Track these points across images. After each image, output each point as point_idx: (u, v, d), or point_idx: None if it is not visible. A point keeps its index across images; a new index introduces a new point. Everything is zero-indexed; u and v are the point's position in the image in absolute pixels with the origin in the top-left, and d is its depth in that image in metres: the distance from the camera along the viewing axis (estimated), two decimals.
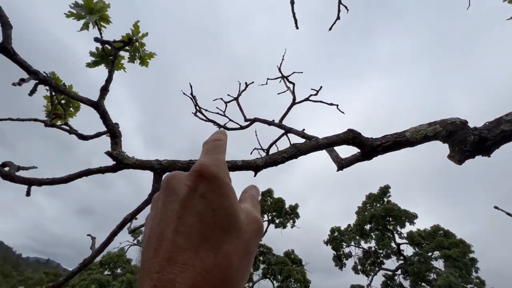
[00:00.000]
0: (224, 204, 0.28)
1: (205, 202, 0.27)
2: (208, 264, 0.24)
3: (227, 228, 0.27)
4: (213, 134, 0.38)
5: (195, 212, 0.27)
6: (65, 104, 1.55)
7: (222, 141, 0.36)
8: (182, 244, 0.25)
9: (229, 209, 0.28)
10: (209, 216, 0.27)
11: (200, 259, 0.24)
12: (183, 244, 0.25)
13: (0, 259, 36.08)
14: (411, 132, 1.17)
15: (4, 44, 0.80)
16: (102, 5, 1.31)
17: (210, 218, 0.27)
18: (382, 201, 18.96)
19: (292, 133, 2.29)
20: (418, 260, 15.60)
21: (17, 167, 1.13)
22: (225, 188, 0.29)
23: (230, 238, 0.27)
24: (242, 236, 0.28)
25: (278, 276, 16.46)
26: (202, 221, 0.26)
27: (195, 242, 0.25)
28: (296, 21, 1.70)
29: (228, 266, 0.26)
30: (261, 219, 0.33)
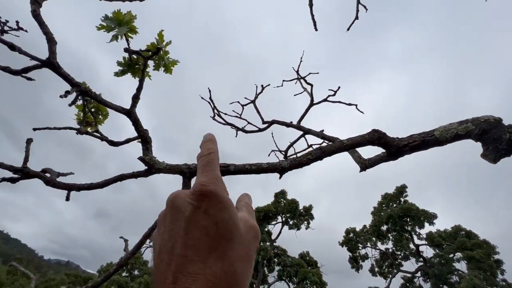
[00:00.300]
0: (226, 217, 0.32)
1: (209, 217, 0.31)
2: (216, 272, 0.28)
3: (229, 238, 0.31)
4: (204, 143, 0.42)
5: (200, 226, 0.30)
6: (95, 112, 1.63)
7: (214, 153, 0.40)
8: (192, 256, 0.28)
9: (230, 221, 0.32)
10: (213, 229, 0.30)
11: (209, 268, 0.28)
12: (193, 256, 0.28)
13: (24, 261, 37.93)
14: (441, 131, 1.15)
15: (50, 59, 0.86)
16: (130, 17, 1.37)
17: (215, 231, 0.30)
18: (398, 201, 18.47)
19: (310, 134, 2.29)
20: (439, 262, 15.06)
21: (57, 174, 1.19)
22: (224, 202, 0.33)
23: (233, 245, 0.31)
24: (243, 242, 0.32)
25: (293, 278, 16.33)
26: (207, 234, 0.30)
27: (203, 253, 0.29)
28: (315, 23, 1.71)
29: (234, 271, 0.29)
30: (257, 225, 0.37)
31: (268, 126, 2.56)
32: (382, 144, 1.36)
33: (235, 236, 0.32)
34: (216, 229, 0.30)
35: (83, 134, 1.47)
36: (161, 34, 1.53)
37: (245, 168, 1.28)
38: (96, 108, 1.65)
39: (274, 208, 19.13)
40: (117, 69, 1.58)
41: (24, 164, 1.08)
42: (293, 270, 16.36)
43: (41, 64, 0.86)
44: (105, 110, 1.68)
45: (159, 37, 1.54)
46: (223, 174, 1.29)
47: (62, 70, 0.87)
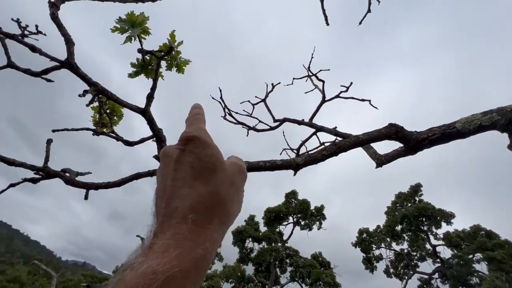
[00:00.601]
0: (209, 153, 0.37)
1: (193, 155, 0.36)
2: (201, 193, 0.34)
3: (213, 169, 0.36)
4: (191, 110, 0.47)
5: (187, 161, 0.36)
6: (110, 114, 1.66)
7: (200, 114, 0.45)
8: (180, 184, 0.34)
9: (213, 156, 0.37)
10: (197, 163, 0.36)
11: (195, 190, 0.34)
12: (181, 184, 0.34)
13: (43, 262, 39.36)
14: (463, 122, 1.10)
15: (69, 59, 0.88)
16: (143, 18, 1.39)
17: (198, 164, 0.36)
18: (413, 200, 17.97)
19: (323, 131, 2.26)
20: (458, 263, 14.55)
21: (76, 173, 1.22)
22: (207, 143, 0.38)
23: (216, 174, 0.36)
24: (226, 173, 0.38)
25: (306, 279, 16.16)
26: (192, 167, 0.35)
27: (189, 181, 0.34)
28: (326, 17, 1.68)
29: (217, 192, 0.35)
30: (242, 164, 0.43)
31: (279, 124, 2.54)
32: (400, 138, 1.32)
33: (218, 168, 0.37)
34: (200, 163, 0.36)
35: (100, 134, 1.50)
36: (173, 34, 1.54)
37: (259, 165, 1.27)
38: (111, 110, 1.68)
39: (285, 209, 19.01)
40: (127, 71, 1.60)
41: (45, 164, 1.11)
42: (305, 271, 16.19)
43: (60, 65, 0.88)
44: (119, 111, 1.71)
45: (171, 38, 1.55)
46: None
47: (80, 70, 0.89)
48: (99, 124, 1.56)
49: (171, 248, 0.28)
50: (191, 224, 0.31)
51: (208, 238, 0.32)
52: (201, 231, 0.31)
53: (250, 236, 18.45)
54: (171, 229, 0.31)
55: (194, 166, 0.35)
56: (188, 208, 0.32)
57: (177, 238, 0.30)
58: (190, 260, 0.29)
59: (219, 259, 19.62)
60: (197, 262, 0.29)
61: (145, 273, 0.26)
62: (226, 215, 0.36)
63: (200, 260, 0.30)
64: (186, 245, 0.29)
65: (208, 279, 16.97)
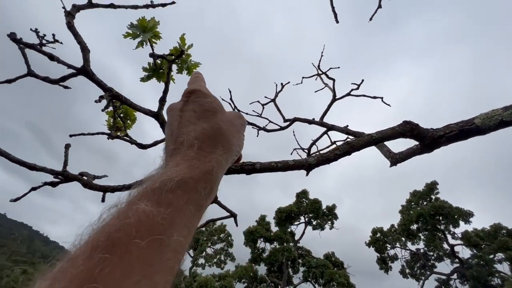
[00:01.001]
0: (209, 100, 0.42)
1: (195, 103, 0.41)
2: (204, 126, 0.38)
3: (214, 111, 0.41)
4: (192, 75, 0.52)
5: (190, 108, 0.40)
6: (123, 118, 1.70)
7: (199, 77, 0.50)
8: (185, 124, 0.39)
9: (213, 103, 0.42)
10: (199, 108, 0.41)
11: (199, 126, 0.38)
12: (186, 124, 0.38)
13: None
14: (482, 118, 1.06)
15: (85, 67, 0.91)
16: (154, 23, 1.42)
17: (200, 108, 0.40)
18: (429, 198, 17.47)
19: (334, 130, 2.23)
20: (478, 263, 14.03)
21: (93, 176, 1.25)
22: (207, 94, 0.43)
23: (217, 115, 0.40)
24: (226, 115, 0.42)
25: (319, 279, 16.00)
26: (195, 111, 0.40)
27: (193, 120, 0.39)
28: (336, 14, 1.66)
29: (219, 127, 0.39)
30: (240, 113, 0.47)
31: (290, 124, 2.53)
32: (415, 136, 1.28)
33: (218, 111, 0.41)
34: (202, 107, 0.41)
35: (114, 138, 1.54)
36: (183, 37, 1.56)
37: (271, 166, 1.26)
38: (124, 114, 1.72)
39: (297, 209, 18.90)
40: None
41: (64, 168, 1.15)
42: (318, 271, 16.03)
43: (77, 72, 0.91)
44: (133, 115, 1.75)
45: (181, 41, 1.57)
46: (249, 173, 1.28)
47: (95, 77, 0.91)
48: (114, 128, 1.60)
49: (182, 165, 0.32)
50: (197, 149, 0.35)
51: (213, 158, 0.35)
52: (207, 154, 0.35)
53: (262, 236, 18.45)
54: (180, 154, 0.34)
55: (196, 110, 0.40)
56: (194, 138, 0.36)
57: (185, 158, 0.33)
58: (200, 171, 0.32)
59: (231, 259, 19.74)
60: (205, 174, 0.32)
61: (161, 179, 0.29)
62: (228, 144, 0.39)
63: (207, 173, 0.33)
64: (194, 162, 0.33)
65: (221, 279, 17.09)
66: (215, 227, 20.30)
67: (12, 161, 0.99)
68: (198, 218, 0.31)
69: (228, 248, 20.31)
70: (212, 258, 19.79)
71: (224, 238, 20.55)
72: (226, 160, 0.38)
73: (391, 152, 1.67)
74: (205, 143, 0.36)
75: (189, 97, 0.42)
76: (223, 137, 0.39)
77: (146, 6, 1.30)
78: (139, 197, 0.27)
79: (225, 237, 20.56)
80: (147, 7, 1.32)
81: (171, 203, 0.27)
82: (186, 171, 0.31)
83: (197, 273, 17.98)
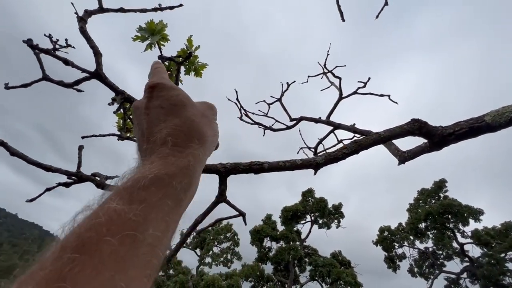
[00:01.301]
0: (175, 93, 0.40)
1: (160, 97, 0.39)
2: (176, 122, 0.37)
3: (182, 105, 0.39)
4: (152, 66, 0.50)
5: (156, 105, 0.39)
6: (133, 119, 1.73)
7: (160, 68, 0.48)
8: (155, 123, 0.37)
9: (180, 95, 0.40)
10: (166, 103, 0.39)
11: (170, 122, 0.37)
12: (156, 122, 0.37)
13: None
14: (492, 115, 1.05)
15: (97, 70, 0.93)
16: (162, 26, 1.44)
17: (167, 103, 0.38)
18: (437, 196, 17.21)
19: (341, 129, 2.23)
20: (488, 262, 13.78)
21: (106, 177, 1.28)
22: (171, 86, 0.41)
23: (187, 108, 0.39)
24: (196, 108, 0.41)
25: (326, 278, 15.95)
26: (162, 107, 0.38)
27: (162, 117, 0.37)
28: (342, 13, 1.66)
29: (191, 121, 0.38)
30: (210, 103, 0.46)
31: (296, 123, 2.53)
32: (424, 134, 1.27)
33: (187, 104, 0.40)
34: (169, 102, 0.39)
35: (124, 139, 1.57)
36: (190, 39, 1.58)
37: (279, 165, 1.28)
38: None
39: (303, 207, 18.85)
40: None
41: (78, 169, 1.18)
42: (325, 270, 15.98)
43: (90, 76, 0.93)
44: None
45: (188, 43, 1.59)
46: (258, 172, 1.30)
47: (108, 80, 0.94)
48: (124, 129, 1.63)
49: (156, 162, 0.32)
50: (171, 145, 0.34)
51: (189, 153, 0.34)
52: (182, 149, 0.34)
53: (268, 235, 18.46)
54: (155, 153, 0.34)
55: (163, 106, 0.38)
56: (166, 135, 0.35)
57: (160, 156, 0.33)
58: (175, 167, 0.32)
59: (237, 258, 19.81)
60: (182, 169, 0.32)
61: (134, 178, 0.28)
62: (204, 137, 0.39)
63: (184, 168, 0.32)
64: (169, 159, 0.32)
65: (227, 278, 17.19)
66: (221, 226, 20.40)
67: (29, 162, 1.02)
68: (178, 212, 0.31)
69: (234, 247, 20.39)
70: (219, 257, 19.89)
71: (230, 237, 20.64)
72: (203, 153, 0.38)
73: (399, 150, 1.67)
74: (179, 138, 0.35)
75: (152, 92, 0.40)
76: (197, 131, 0.38)
77: (154, 9, 1.33)
78: (111, 197, 0.27)
79: (232, 236, 20.65)
80: (156, 10, 1.34)
81: (144, 200, 0.27)
82: (161, 168, 0.30)
83: (204, 272, 18.12)
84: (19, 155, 1.03)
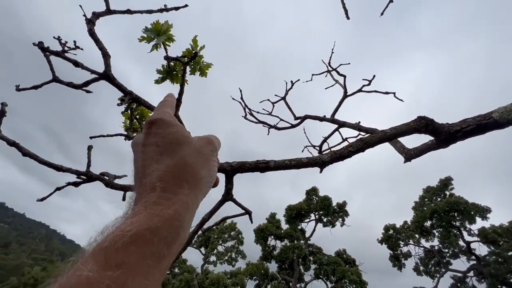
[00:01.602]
0: (173, 131, 0.39)
1: (158, 135, 0.39)
2: (168, 164, 0.36)
3: (178, 143, 0.38)
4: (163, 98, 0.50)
5: (152, 142, 0.38)
6: (139, 119, 1.75)
7: (168, 101, 0.48)
8: (148, 162, 0.36)
9: (177, 133, 0.39)
10: (162, 141, 0.38)
11: (162, 164, 0.36)
12: (150, 162, 0.36)
13: None
14: (500, 112, 1.05)
15: (106, 72, 0.95)
16: (167, 26, 1.45)
17: (163, 141, 0.38)
18: (443, 194, 17.05)
19: (346, 127, 2.22)
20: (496, 261, 13.62)
21: (114, 176, 1.30)
22: (170, 123, 0.40)
23: (182, 147, 0.38)
24: (193, 145, 0.40)
25: (331, 276, 15.93)
26: (158, 145, 0.38)
27: (156, 157, 0.37)
28: (346, 11, 1.65)
29: (184, 161, 0.37)
30: (210, 137, 0.44)
31: (300, 121, 2.53)
32: (430, 131, 1.27)
33: (183, 142, 0.39)
34: (165, 140, 0.38)
35: (131, 139, 1.59)
36: (195, 39, 1.59)
37: (285, 164, 1.28)
38: (140, 115, 1.77)
39: (307, 206, 18.83)
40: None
41: (87, 168, 1.20)
42: (330, 269, 15.96)
43: (99, 77, 0.95)
44: (148, 116, 1.80)
45: (193, 43, 1.60)
46: (264, 171, 1.31)
47: (117, 81, 0.95)
48: (131, 129, 1.65)
49: (141, 213, 0.30)
50: (159, 192, 0.33)
51: (178, 200, 0.33)
52: (171, 196, 0.33)
53: (272, 234, 18.49)
54: (142, 199, 0.33)
55: (159, 144, 0.38)
56: (156, 179, 0.34)
57: (146, 204, 0.31)
58: (159, 219, 0.29)
59: (242, 257, 19.89)
60: (166, 221, 0.30)
61: (113, 236, 0.26)
62: (195, 180, 0.37)
63: (169, 219, 0.30)
64: (155, 209, 0.31)
65: (232, 276, 17.27)
66: (225, 225, 20.48)
67: (40, 162, 1.04)
68: (160, 270, 0.28)
69: (238, 245, 20.47)
70: (223, 255, 19.99)
71: (234, 236, 20.72)
72: (195, 197, 0.36)
73: (405, 148, 1.66)
74: (169, 183, 0.34)
75: (150, 128, 0.39)
76: (189, 173, 0.36)
77: (160, 10, 1.34)
78: (86, 260, 0.25)
79: (236, 234, 20.72)
80: (161, 11, 1.35)
81: (121, 263, 0.24)
82: (143, 222, 0.28)
83: (209, 271, 18.23)
84: (31, 155, 1.05)
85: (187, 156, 0.38)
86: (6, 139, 1.00)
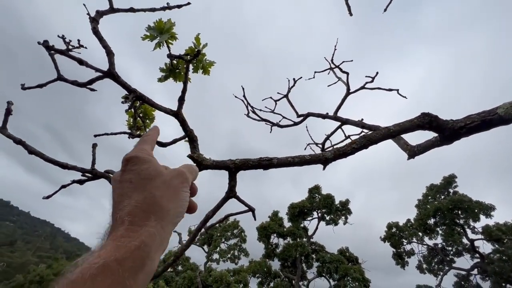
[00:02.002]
0: (146, 167, 0.42)
1: (132, 172, 0.42)
2: (138, 200, 0.38)
3: (149, 179, 0.41)
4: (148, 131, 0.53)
5: (127, 179, 0.41)
6: (143, 117, 1.76)
7: (150, 136, 0.51)
8: (121, 198, 0.39)
9: (150, 168, 0.42)
10: (135, 177, 0.41)
11: (133, 199, 0.38)
12: (123, 198, 0.39)
13: None
14: (505, 108, 1.04)
15: (110, 70, 0.96)
16: (170, 25, 1.45)
17: (137, 178, 0.41)
18: (447, 192, 16.96)
19: (349, 124, 2.22)
20: (500, 258, 13.55)
21: None
22: (144, 159, 0.43)
23: (152, 182, 0.41)
24: (164, 179, 0.42)
25: (334, 274, 15.95)
26: (131, 182, 0.41)
27: (129, 193, 0.39)
28: (349, 7, 1.64)
29: (153, 196, 0.39)
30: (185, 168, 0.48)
31: (303, 119, 2.53)
32: (434, 128, 1.26)
33: (154, 177, 0.42)
34: (138, 176, 0.41)
35: (135, 137, 1.60)
36: (198, 38, 1.59)
37: (288, 161, 1.28)
38: (143, 113, 1.78)
39: (309, 204, 18.83)
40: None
41: (92, 166, 1.21)
42: (332, 267, 15.97)
43: (103, 75, 0.96)
44: (151, 114, 1.81)
45: (196, 41, 1.61)
46: (267, 168, 1.31)
47: (121, 79, 0.96)
48: (134, 128, 1.66)
49: (109, 246, 0.32)
50: (128, 225, 0.35)
51: (144, 232, 0.35)
52: (137, 228, 0.35)
53: (275, 232, 18.53)
54: (112, 233, 0.35)
55: (132, 180, 0.41)
56: (126, 214, 0.37)
57: (114, 237, 0.34)
58: (125, 251, 0.32)
59: (245, 255, 19.97)
60: (132, 252, 0.32)
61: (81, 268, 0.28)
62: (162, 212, 0.39)
63: (135, 251, 0.33)
64: (122, 241, 0.33)
65: (235, 274, 17.36)
66: (228, 223, 20.56)
67: (46, 160, 1.06)
68: None
69: (241, 243, 20.54)
70: (226, 253, 20.08)
71: (237, 234, 20.79)
72: (162, 228, 0.38)
73: (408, 145, 1.65)
74: (137, 217, 0.36)
75: (126, 165, 0.42)
76: (157, 206, 0.39)
77: (163, 8, 1.34)
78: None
79: (239, 232, 20.80)
80: (164, 9, 1.36)
81: None
82: (111, 254, 0.31)
83: (212, 268, 18.34)
84: (37, 153, 1.06)
85: (156, 190, 0.40)
86: (13, 137, 1.01)
